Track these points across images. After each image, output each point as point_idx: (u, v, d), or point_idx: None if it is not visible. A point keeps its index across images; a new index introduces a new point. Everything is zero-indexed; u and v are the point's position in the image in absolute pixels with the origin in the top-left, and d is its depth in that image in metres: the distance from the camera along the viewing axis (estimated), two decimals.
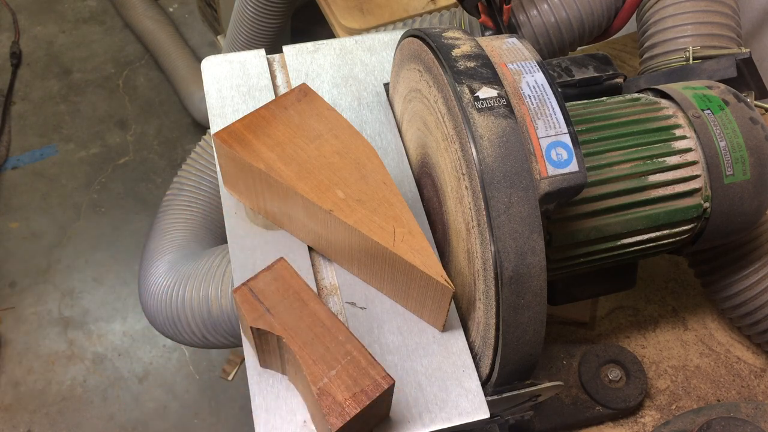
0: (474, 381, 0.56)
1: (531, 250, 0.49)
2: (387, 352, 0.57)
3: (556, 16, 0.85)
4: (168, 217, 0.96)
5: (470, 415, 0.54)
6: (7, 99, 2.06)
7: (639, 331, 0.83)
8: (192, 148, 0.98)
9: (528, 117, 0.52)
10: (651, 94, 0.70)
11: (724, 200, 0.63)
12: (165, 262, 0.91)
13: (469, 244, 0.54)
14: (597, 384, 0.74)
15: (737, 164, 0.63)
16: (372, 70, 0.75)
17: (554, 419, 0.73)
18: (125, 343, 1.72)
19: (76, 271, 1.81)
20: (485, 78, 0.52)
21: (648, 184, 0.62)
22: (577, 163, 0.51)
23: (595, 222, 0.61)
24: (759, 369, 0.81)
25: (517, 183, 0.49)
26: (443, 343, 0.58)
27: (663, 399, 0.78)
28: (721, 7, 0.80)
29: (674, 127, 0.64)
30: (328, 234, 0.59)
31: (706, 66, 0.75)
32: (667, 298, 0.86)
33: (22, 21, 2.25)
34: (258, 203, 0.63)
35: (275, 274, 0.53)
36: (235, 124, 0.60)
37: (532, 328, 0.52)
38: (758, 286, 0.74)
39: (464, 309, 0.59)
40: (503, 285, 0.49)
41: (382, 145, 0.69)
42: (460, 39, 0.56)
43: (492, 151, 0.49)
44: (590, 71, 0.72)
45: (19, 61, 2.15)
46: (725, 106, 0.65)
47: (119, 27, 2.27)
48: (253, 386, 0.55)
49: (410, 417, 0.54)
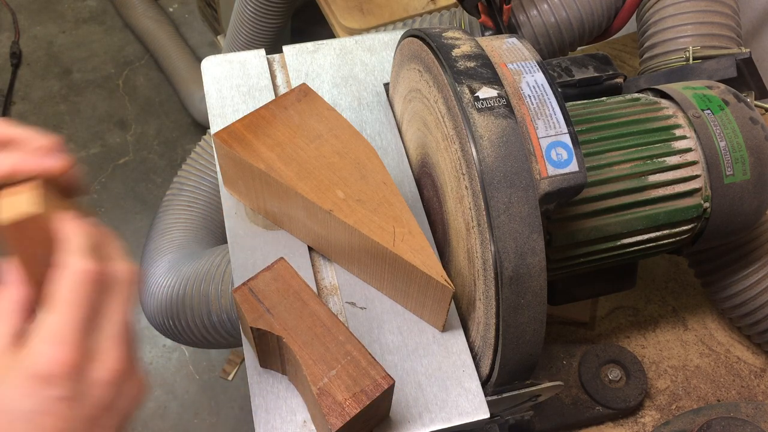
0: (474, 381, 0.56)
1: (531, 250, 0.50)
2: (387, 352, 0.57)
3: (556, 16, 0.85)
4: (168, 217, 0.96)
5: (470, 415, 0.54)
6: (7, 99, 2.06)
7: (639, 331, 0.83)
8: (192, 148, 0.98)
9: (528, 117, 0.52)
10: (651, 94, 0.70)
11: (724, 200, 0.63)
12: (165, 262, 0.91)
13: (469, 244, 0.54)
14: (597, 384, 0.74)
15: (737, 164, 0.63)
16: (372, 70, 0.75)
17: (554, 419, 0.73)
18: None
19: None
20: (485, 78, 0.52)
21: (648, 184, 0.62)
22: (577, 163, 0.51)
23: (595, 222, 0.61)
24: (759, 369, 0.81)
25: (517, 183, 0.49)
26: (443, 343, 0.58)
27: (663, 399, 0.78)
28: (721, 7, 0.80)
29: (674, 127, 0.64)
30: (328, 234, 0.59)
31: (706, 66, 0.75)
32: (667, 298, 0.86)
33: (22, 21, 2.25)
34: (258, 203, 0.63)
35: (275, 274, 0.53)
36: (235, 124, 0.60)
37: (532, 328, 0.52)
38: (758, 286, 0.74)
39: (464, 309, 0.59)
40: (503, 285, 0.49)
41: (382, 145, 0.69)
42: (460, 39, 0.56)
43: (492, 151, 0.49)
44: (590, 71, 0.72)
45: (19, 61, 2.15)
46: (725, 106, 0.65)
47: (119, 27, 2.27)
48: (253, 386, 0.55)
49: (410, 417, 0.54)
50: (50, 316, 0.37)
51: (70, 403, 0.36)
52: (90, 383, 0.37)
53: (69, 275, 0.38)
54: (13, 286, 0.39)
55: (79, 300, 0.37)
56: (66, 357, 0.36)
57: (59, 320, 0.37)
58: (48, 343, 0.36)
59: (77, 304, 0.37)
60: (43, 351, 0.36)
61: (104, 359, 0.38)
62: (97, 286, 0.38)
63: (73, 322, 0.37)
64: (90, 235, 0.39)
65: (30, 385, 0.36)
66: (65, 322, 0.37)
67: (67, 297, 0.37)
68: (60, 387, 0.36)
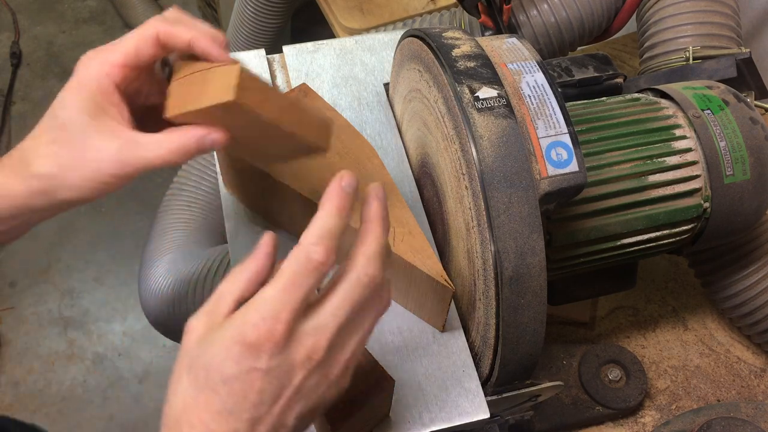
0: (474, 381, 0.56)
1: (531, 250, 0.50)
2: (387, 352, 0.57)
3: (556, 16, 0.85)
4: (168, 218, 0.96)
5: (470, 415, 0.54)
6: (7, 99, 2.06)
7: (639, 331, 0.83)
8: None
9: (528, 117, 0.52)
10: (651, 94, 0.70)
11: (724, 200, 0.63)
12: (165, 262, 0.91)
13: (469, 244, 0.54)
14: (597, 384, 0.74)
15: (737, 164, 0.63)
16: (372, 70, 0.75)
17: (554, 419, 0.73)
18: (125, 343, 1.72)
19: (76, 271, 1.81)
20: (485, 78, 0.52)
21: (648, 184, 0.62)
22: (577, 163, 0.51)
23: (595, 222, 0.61)
24: (759, 369, 0.81)
25: (517, 183, 0.49)
26: (443, 343, 0.58)
27: (663, 399, 0.78)
28: (721, 7, 0.80)
29: (674, 127, 0.64)
30: None
31: (706, 66, 0.75)
32: (667, 298, 0.86)
33: (22, 21, 2.25)
34: (258, 203, 0.63)
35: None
36: None
37: (532, 328, 0.52)
38: (758, 286, 0.74)
39: (464, 309, 0.59)
40: (503, 285, 0.49)
41: (382, 145, 0.69)
42: (460, 39, 0.56)
43: (492, 151, 0.49)
44: (590, 71, 0.72)
45: (19, 61, 2.15)
46: (725, 106, 0.65)
47: (119, 27, 2.27)
48: None
49: (410, 417, 0.54)
50: (271, 290, 0.38)
51: (268, 377, 0.37)
52: (290, 362, 0.38)
53: (354, 276, 0.39)
54: (257, 258, 0.40)
55: (352, 299, 0.39)
56: (276, 333, 0.37)
57: (279, 297, 0.37)
58: (263, 316, 0.37)
59: (299, 282, 0.38)
60: (257, 322, 0.37)
61: (310, 344, 0.38)
62: (368, 292, 0.39)
63: (292, 300, 0.37)
64: (383, 241, 0.41)
65: (236, 352, 0.37)
66: (284, 300, 0.37)
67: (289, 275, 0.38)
68: (262, 359, 0.37)
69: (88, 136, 0.44)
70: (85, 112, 0.44)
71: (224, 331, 0.37)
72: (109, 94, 0.45)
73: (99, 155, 0.44)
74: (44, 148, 0.45)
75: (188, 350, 0.39)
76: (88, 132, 0.44)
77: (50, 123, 0.46)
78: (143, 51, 0.45)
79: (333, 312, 0.39)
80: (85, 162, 0.45)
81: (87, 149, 0.44)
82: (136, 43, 0.45)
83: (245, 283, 0.40)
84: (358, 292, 0.39)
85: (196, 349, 0.38)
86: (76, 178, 0.45)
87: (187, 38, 0.45)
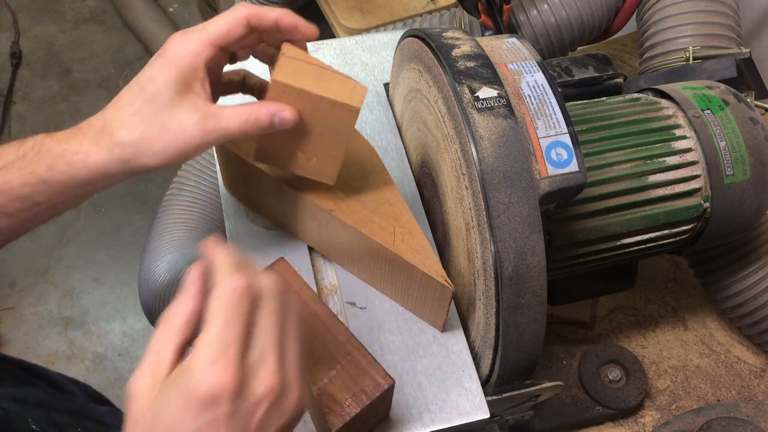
0: (474, 381, 0.56)
1: (531, 250, 0.49)
2: (387, 352, 0.57)
3: (556, 16, 0.85)
4: (168, 217, 0.96)
5: (470, 415, 0.54)
6: (7, 99, 2.06)
7: (639, 331, 0.83)
8: None
9: (528, 117, 0.52)
10: (651, 94, 0.70)
11: (724, 200, 0.63)
12: (165, 262, 0.91)
13: (469, 244, 0.54)
14: (597, 384, 0.74)
15: (737, 164, 0.63)
16: (372, 70, 0.75)
17: (554, 419, 0.73)
18: (125, 343, 1.72)
19: (76, 271, 1.80)
20: (485, 78, 0.52)
21: (648, 184, 0.62)
22: (577, 163, 0.51)
23: (595, 222, 0.61)
24: (759, 369, 0.81)
25: (517, 183, 0.49)
26: (443, 343, 0.58)
27: (663, 399, 0.78)
28: (721, 7, 0.80)
29: (674, 127, 0.64)
30: (328, 234, 0.59)
31: (706, 66, 0.75)
32: (667, 298, 0.86)
33: (22, 21, 2.25)
34: (258, 203, 0.63)
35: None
36: None
37: (532, 328, 0.52)
38: (758, 286, 0.74)
39: (464, 309, 0.59)
40: (503, 285, 0.49)
41: (382, 145, 0.69)
42: (460, 39, 0.56)
43: (492, 151, 0.49)
44: (590, 71, 0.72)
45: (19, 61, 2.14)
46: (725, 106, 0.65)
47: (119, 27, 2.27)
48: None
49: (410, 417, 0.54)
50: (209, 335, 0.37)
51: (231, 422, 0.37)
52: (250, 401, 0.37)
53: (222, 293, 0.38)
54: (187, 299, 0.40)
55: (234, 316, 0.38)
56: (228, 379, 0.36)
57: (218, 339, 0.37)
58: (210, 364, 0.36)
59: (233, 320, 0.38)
60: (205, 373, 0.36)
61: (263, 375, 0.38)
62: (248, 300, 0.39)
63: (231, 340, 0.37)
64: (231, 253, 0.41)
65: (193, 408, 0.36)
66: (224, 342, 0.37)
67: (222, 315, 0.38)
68: (221, 408, 0.36)
69: (174, 108, 0.48)
70: (172, 87, 0.48)
71: (175, 391, 0.37)
72: (197, 70, 0.49)
73: (183, 125, 0.48)
74: (129, 118, 0.48)
75: (139, 418, 0.38)
76: (174, 105, 0.48)
77: (136, 95, 0.49)
78: (234, 32, 0.49)
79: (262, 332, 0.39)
80: (170, 131, 0.48)
81: (172, 120, 0.48)
82: (228, 24, 0.49)
83: (180, 328, 0.39)
84: (236, 302, 0.38)
85: (148, 416, 0.37)
86: (159, 146, 0.48)
87: (273, 16, 0.50)
